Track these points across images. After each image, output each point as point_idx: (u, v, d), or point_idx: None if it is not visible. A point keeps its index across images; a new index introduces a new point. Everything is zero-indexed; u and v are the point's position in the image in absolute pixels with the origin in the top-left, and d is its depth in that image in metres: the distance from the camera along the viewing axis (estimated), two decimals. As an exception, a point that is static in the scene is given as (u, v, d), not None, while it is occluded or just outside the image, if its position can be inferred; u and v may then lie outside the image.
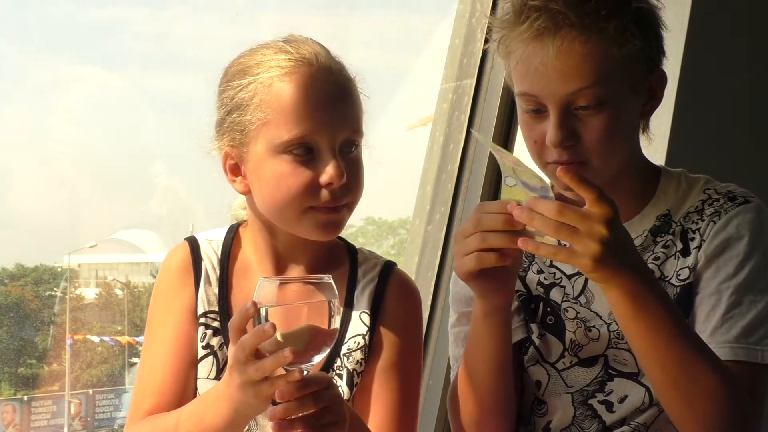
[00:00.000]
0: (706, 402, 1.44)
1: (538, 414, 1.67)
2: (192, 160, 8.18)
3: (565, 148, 1.55)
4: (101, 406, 8.85)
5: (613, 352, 1.61)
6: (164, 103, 16.09)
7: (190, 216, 11.04)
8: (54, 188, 11.87)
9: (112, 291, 9.35)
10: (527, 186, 1.43)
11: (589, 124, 1.55)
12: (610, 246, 1.39)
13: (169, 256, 1.65)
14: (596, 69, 1.54)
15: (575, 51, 1.53)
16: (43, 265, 8.65)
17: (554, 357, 1.65)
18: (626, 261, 1.42)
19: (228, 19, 10.04)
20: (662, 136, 2.46)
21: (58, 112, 13.36)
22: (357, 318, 1.61)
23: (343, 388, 1.58)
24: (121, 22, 15.69)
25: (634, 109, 1.60)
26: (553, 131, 1.55)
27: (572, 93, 1.54)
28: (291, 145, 1.53)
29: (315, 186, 1.53)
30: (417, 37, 3.87)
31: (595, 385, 1.62)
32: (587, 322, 1.63)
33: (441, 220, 2.73)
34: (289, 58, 1.56)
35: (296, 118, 1.53)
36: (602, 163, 1.57)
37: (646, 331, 1.44)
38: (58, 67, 16.17)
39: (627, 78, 1.57)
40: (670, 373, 1.44)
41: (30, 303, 8.20)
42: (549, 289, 1.66)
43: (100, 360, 8.75)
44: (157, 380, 1.58)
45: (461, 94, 2.82)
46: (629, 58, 1.56)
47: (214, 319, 1.60)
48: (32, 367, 8.10)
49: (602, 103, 1.55)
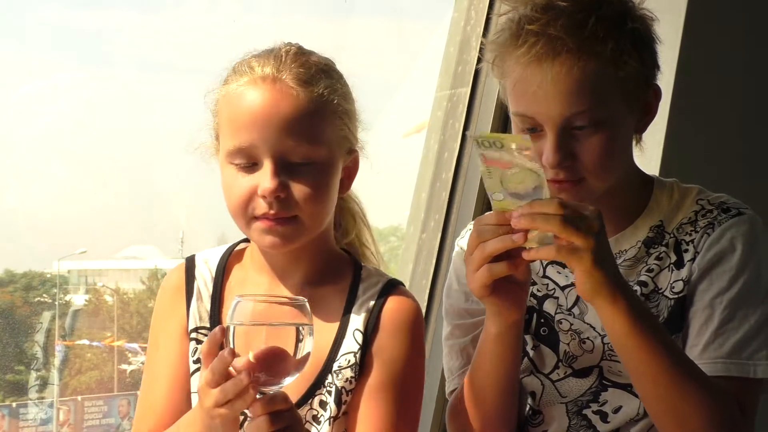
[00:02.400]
0: (696, 418, 1.45)
1: (533, 424, 1.67)
2: (185, 166, 8.04)
3: (562, 168, 1.57)
4: (90, 413, 8.80)
5: (608, 364, 1.61)
6: (157, 108, 16.00)
7: (178, 224, 11.04)
8: (44, 193, 11.83)
9: (102, 297, 9.31)
10: (517, 196, 1.42)
11: (585, 144, 1.56)
12: (602, 245, 1.42)
13: (165, 277, 1.68)
14: (594, 91, 1.55)
15: (573, 76, 1.55)
16: (33, 270, 8.61)
17: (548, 368, 1.65)
18: (616, 272, 1.44)
19: (223, 25, 10.00)
20: (656, 144, 2.46)
21: (45, 116, 13.33)
22: (350, 335, 1.60)
23: (331, 405, 1.57)
24: (113, 27, 15.60)
25: (630, 126, 1.61)
26: (551, 152, 1.56)
27: (570, 116, 1.56)
28: (233, 154, 1.55)
29: (253, 196, 1.55)
30: (412, 45, 3.87)
31: (589, 395, 1.62)
32: (581, 333, 1.63)
33: (435, 228, 2.73)
34: (252, 71, 1.57)
35: (236, 128, 1.55)
36: (598, 181, 1.57)
37: (639, 345, 1.44)
38: (48, 71, 16.12)
39: (624, 97, 1.58)
40: (661, 388, 1.45)
41: (19, 309, 8.17)
42: (542, 301, 1.66)
43: (89, 367, 8.71)
44: (155, 402, 1.62)
45: (456, 102, 2.82)
46: (626, 78, 1.57)
47: (204, 335, 1.61)
48: (21, 374, 8.06)
49: (599, 124, 1.57)
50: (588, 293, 1.44)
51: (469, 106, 2.77)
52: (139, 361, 8.87)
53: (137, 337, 8.90)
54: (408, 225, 2.84)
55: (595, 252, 1.39)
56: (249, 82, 1.57)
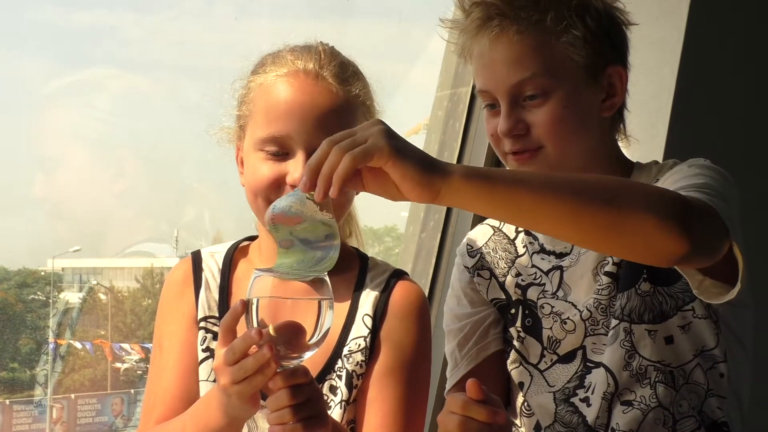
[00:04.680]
0: (642, 224, 1.31)
1: (526, 414, 1.68)
2: (185, 161, 8.13)
3: (516, 138, 1.59)
4: (83, 411, 8.80)
5: (591, 341, 1.61)
6: (159, 107, 16.07)
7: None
8: (38, 193, 11.84)
9: (96, 295, 9.30)
10: (306, 242, 1.33)
11: (536, 114, 1.59)
12: (390, 130, 1.29)
13: (171, 270, 1.68)
14: (537, 58, 1.59)
15: (511, 40, 1.58)
16: (27, 268, 8.60)
17: (535, 358, 1.66)
18: (419, 153, 1.30)
19: (223, 26, 10.08)
20: (657, 147, 2.46)
21: (39, 117, 13.34)
22: (360, 320, 1.61)
23: (342, 389, 1.58)
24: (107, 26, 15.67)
25: (588, 100, 1.62)
26: (502, 121, 1.60)
27: (516, 84, 1.59)
28: (265, 142, 1.57)
29: (281, 182, 1.56)
30: (413, 44, 3.86)
31: (575, 381, 1.63)
32: (562, 314, 1.63)
33: (435, 227, 2.73)
34: (293, 64, 1.60)
35: (272, 117, 1.57)
36: (556, 149, 1.59)
37: (522, 195, 1.31)
38: (42, 72, 16.16)
39: (572, 68, 1.60)
40: (589, 227, 1.32)
41: (13, 306, 8.15)
42: (526, 290, 1.67)
43: (82, 365, 8.71)
44: (164, 389, 1.60)
45: (456, 101, 2.82)
46: (571, 48, 1.59)
47: (214, 324, 1.62)
48: (15, 371, 8.05)
49: (548, 93, 1.59)
50: (425, 194, 1.28)
51: (470, 105, 2.77)
52: (133, 359, 8.87)
53: (131, 336, 8.91)
54: (407, 225, 2.84)
55: (388, 140, 1.27)
56: (290, 74, 1.60)
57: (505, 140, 1.60)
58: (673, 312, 1.59)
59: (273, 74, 1.60)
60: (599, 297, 1.60)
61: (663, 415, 1.58)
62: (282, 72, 1.60)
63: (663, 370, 1.58)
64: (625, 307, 1.58)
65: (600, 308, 1.60)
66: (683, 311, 1.59)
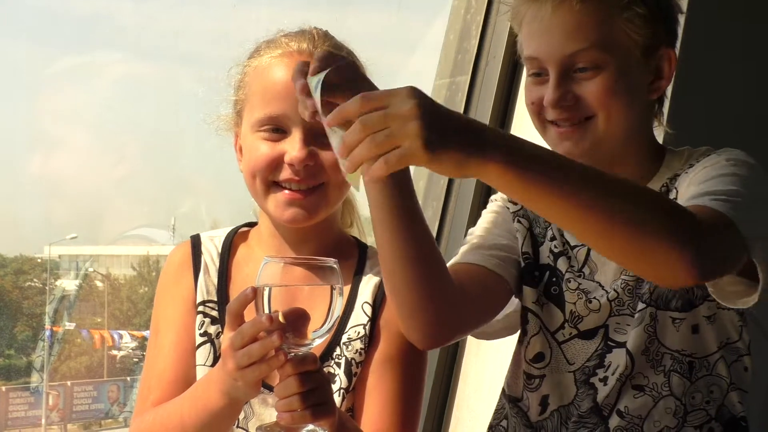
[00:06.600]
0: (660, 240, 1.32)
1: (530, 389, 1.66)
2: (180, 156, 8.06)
3: (563, 108, 1.57)
4: (79, 398, 8.81)
5: (615, 320, 1.61)
6: (157, 95, 16.03)
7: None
8: (34, 179, 11.82)
9: (93, 283, 9.31)
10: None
11: (587, 86, 1.57)
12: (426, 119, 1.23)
13: (170, 253, 1.68)
14: (594, 31, 1.56)
15: (572, 9, 1.56)
16: (23, 255, 8.61)
17: (554, 326, 1.65)
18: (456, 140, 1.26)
19: (220, 14, 10.07)
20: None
21: (37, 106, 13.31)
22: (359, 308, 1.60)
23: (341, 377, 1.58)
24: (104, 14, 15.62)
25: (638, 80, 1.60)
26: (550, 90, 1.57)
27: (570, 54, 1.56)
28: (262, 123, 1.57)
29: (279, 161, 1.56)
30: (412, 33, 3.85)
31: (595, 359, 1.62)
32: (588, 293, 1.62)
33: (434, 215, 2.73)
34: (287, 46, 1.60)
35: (268, 98, 1.57)
36: (608, 119, 1.57)
37: (554, 198, 1.31)
38: (42, 59, 16.13)
39: (628, 46, 1.58)
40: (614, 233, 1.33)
41: (9, 293, 8.16)
42: (557, 258, 1.66)
43: (78, 352, 8.72)
44: (161, 372, 1.60)
45: (455, 90, 2.82)
46: (631, 25, 1.57)
47: (212, 308, 1.61)
48: (11, 358, 8.06)
49: (600, 67, 1.56)
50: (454, 169, 1.27)
51: (469, 94, 2.77)
52: (129, 347, 8.88)
53: (127, 323, 8.91)
54: (405, 213, 2.84)
55: (422, 137, 1.22)
56: (284, 55, 1.60)
57: (550, 109, 1.57)
58: (699, 301, 1.58)
59: (267, 56, 1.60)
60: (628, 278, 1.59)
61: (674, 405, 1.57)
62: (276, 53, 1.60)
63: (680, 359, 1.57)
64: (653, 292, 1.57)
65: (627, 290, 1.59)
66: (710, 301, 1.57)
